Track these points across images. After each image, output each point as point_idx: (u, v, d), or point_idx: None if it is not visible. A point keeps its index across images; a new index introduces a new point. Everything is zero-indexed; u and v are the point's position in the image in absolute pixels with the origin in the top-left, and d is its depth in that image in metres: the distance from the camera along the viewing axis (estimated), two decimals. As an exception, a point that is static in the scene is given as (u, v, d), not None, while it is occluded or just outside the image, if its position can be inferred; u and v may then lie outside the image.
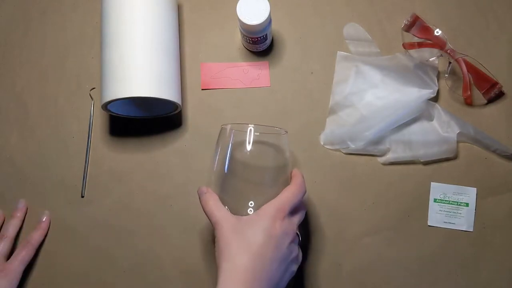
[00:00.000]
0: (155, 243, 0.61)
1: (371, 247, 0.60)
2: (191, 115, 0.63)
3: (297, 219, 0.50)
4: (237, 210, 0.49)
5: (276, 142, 0.52)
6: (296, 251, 0.49)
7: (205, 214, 0.49)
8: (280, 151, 0.52)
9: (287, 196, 0.48)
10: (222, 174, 0.51)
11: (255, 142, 0.51)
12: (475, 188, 0.60)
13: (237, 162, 0.51)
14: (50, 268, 0.61)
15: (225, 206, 0.49)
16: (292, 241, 0.48)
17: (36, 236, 0.60)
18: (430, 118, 0.61)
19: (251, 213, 0.49)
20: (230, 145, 0.51)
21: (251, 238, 0.45)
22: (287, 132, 0.53)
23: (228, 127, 0.52)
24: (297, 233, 0.50)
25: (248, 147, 0.51)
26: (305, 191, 0.50)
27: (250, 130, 0.51)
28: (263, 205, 0.48)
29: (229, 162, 0.51)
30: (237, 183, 0.51)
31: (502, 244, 0.59)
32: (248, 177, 0.52)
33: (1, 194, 0.62)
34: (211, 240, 0.60)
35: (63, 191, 0.62)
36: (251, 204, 0.50)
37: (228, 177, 0.51)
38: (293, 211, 0.49)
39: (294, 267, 0.49)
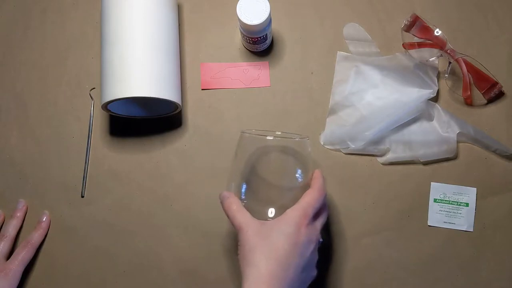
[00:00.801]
0: (155, 243, 0.61)
1: (371, 247, 0.60)
2: (191, 115, 0.63)
3: (319, 223, 0.50)
4: (258, 214, 0.49)
5: (298, 147, 0.52)
6: (317, 256, 0.49)
7: (228, 218, 0.49)
8: (302, 157, 0.52)
9: (309, 200, 0.48)
10: (242, 180, 0.51)
11: (276, 148, 0.52)
12: (475, 188, 0.60)
13: (258, 168, 0.51)
14: (50, 268, 0.61)
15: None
16: (315, 247, 0.48)
17: (36, 236, 0.60)
18: (430, 118, 0.61)
19: (271, 216, 0.49)
20: (250, 151, 0.52)
21: (276, 244, 0.45)
22: (308, 138, 0.53)
23: (249, 133, 0.52)
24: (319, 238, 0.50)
25: (270, 154, 0.51)
26: (325, 193, 0.50)
27: (271, 137, 0.51)
28: (284, 209, 0.47)
29: (249, 168, 0.51)
30: (258, 188, 0.51)
31: (502, 244, 0.59)
32: (269, 182, 0.52)
33: (1, 194, 0.62)
34: (211, 240, 0.60)
35: (63, 191, 0.62)
36: (272, 209, 0.50)
37: (249, 183, 0.51)
38: (315, 215, 0.49)
39: (315, 272, 0.49)
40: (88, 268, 0.60)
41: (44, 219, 0.61)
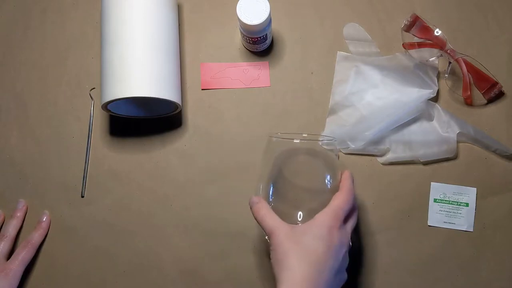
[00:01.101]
0: (155, 243, 0.61)
1: (371, 247, 0.60)
2: (191, 115, 0.63)
3: (350, 225, 0.50)
4: (287, 217, 0.49)
5: (326, 150, 0.52)
6: (348, 259, 0.49)
7: (258, 223, 0.49)
8: (330, 159, 0.52)
9: (339, 204, 0.48)
10: (269, 183, 0.51)
11: (304, 151, 0.52)
12: (475, 188, 0.60)
13: (285, 171, 0.51)
14: (50, 268, 0.61)
15: None
16: (347, 250, 0.48)
17: (36, 236, 0.60)
18: (430, 118, 0.61)
19: (300, 220, 0.49)
20: (278, 154, 0.52)
21: (310, 248, 0.45)
22: (336, 139, 0.53)
23: (276, 137, 0.52)
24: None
25: (298, 156, 0.51)
26: (354, 195, 0.50)
27: (298, 140, 0.51)
28: (313, 212, 0.47)
29: (277, 171, 0.51)
30: (286, 191, 0.51)
31: (502, 244, 0.59)
32: (298, 186, 0.52)
33: (1, 194, 0.62)
34: (211, 240, 0.60)
35: (63, 191, 0.62)
36: (300, 213, 0.50)
37: (277, 185, 0.51)
38: (346, 217, 0.49)
39: (346, 275, 0.49)
40: (88, 268, 0.60)
41: (44, 219, 0.61)
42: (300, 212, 0.50)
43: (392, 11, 0.65)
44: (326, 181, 0.51)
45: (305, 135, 0.53)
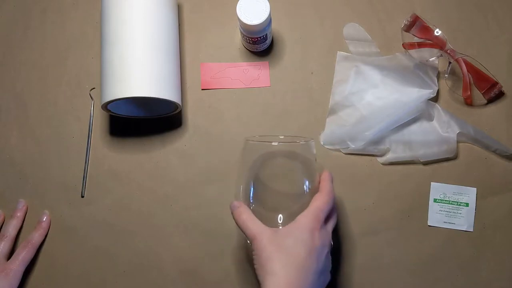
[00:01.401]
0: (155, 243, 0.61)
1: (371, 247, 0.60)
2: (191, 115, 0.63)
3: (330, 226, 0.50)
4: (268, 222, 0.49)
5: (303, 151, 0.52)
6: (330, 259, 0.49)
7: (239, 228, 0.49)
8: (307, 160, 0.52)
9: (319, 205, 0.48)
10: (249, 186, 0.51)
11: (282, 153, 0.52)
12: (475, 188, 0.60)
13: (264, 174, 0.51)
14: (50, 268, 0.61)
15: None
16: (328, 251, 0.48)
17: (36, 236, 0.60)
18: (430, 118, 0.61)
19: (280, 222, 0.49)
20: (255, 157, 0.52)
21: (293, 251, 0.45)
22: (313, 139, 0.53)
23: (253, 141, 0.52)
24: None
25: (275, 159, 0.51)
26: (334, 196, 0.50)
27: (276, 142, 0.51)
28: (294, 215, 0.48)
29: (255, 174, 0.51)
30: (265, 194, 0.51)
31: (502, 244, 0.59)
32: (276, 189, 0.52)
33: (1, 194, 0.62)
34: (211, 240, 0.60)
35: (63, 191, 0.62)
36: (280, 215, 0.50)
37: (256, 188, 0.51)
38: (326, 218, 0.49)
39: (329, 275, 0.49)
40: (88, 268, 0.60)
41: (44, 219, 0.61)
42: (280, 215, 0.50)
43: (392, 11, 0.65)
44: (305, 183, 0.51)
45: (282, 136, 0.53)
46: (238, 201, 0.51)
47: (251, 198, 0.51)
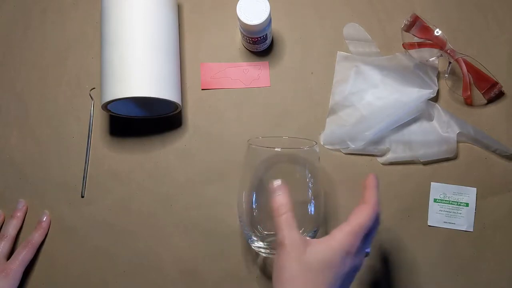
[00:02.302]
0: (155, 243, 0.61)
1: (371, 247, 0.59)
2: (191, 115, 0.63)
3: (369, 241, 0.45)
4: (272, 228, 0.47)
5: (307, 155, 0.52)
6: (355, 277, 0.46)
7: (273, 220, 0.45)
8: (311, 165, 0.52)
9: (361, 221, 0.43)
10: (252, 193, 0.51)
11: (285, 158, 0.51)
12: (475, 188, 0.60)
13: (267, 180, 0.49)
14: (50, 268, 0.61)
15: (257, 225, 0.48)
16: (359, 270, 0.45)
17: (36, 236, 0.60)
18: (430, 118, 0.61)
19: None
20: (258, 161, 0.51)
21: (319, 276, 0.41)
22: (316, 143, 0.53)
23: (255, 145, 0.52)
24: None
25: (279, 164, 0.51)
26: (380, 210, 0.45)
27: (279, 148, 0.50)
28: (299, 222, 0.45)
29: (259, 181, 0.51)
30: (268, 200, 0.48)
31: (502, 244, 0.59)
32: None
33: (1, 194, 0.62)
34: (211, 240, 0.60)
35: (63, 191, 0.62)
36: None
37: (259, 193, 0.51)
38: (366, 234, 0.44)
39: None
40: (88, 268, 0.60)
41: (44, 219, 0.61)
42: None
43: (392, 11, 0.65)
44: (309, 189, 0.51)
45: (286, 137, 0.52)
46: (285, 194, 0.46)
47: (253, 203, 0.51)
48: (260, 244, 0.52)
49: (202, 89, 0.64)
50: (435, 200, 0.60)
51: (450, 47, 0.60)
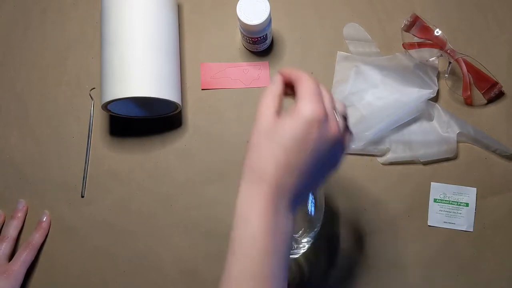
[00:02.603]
0: (155, 243, 0.61)
1: (371, 247, 0.60)
2: (191, 115, 0.63)
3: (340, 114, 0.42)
4: None
5: None
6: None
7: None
8: None
9: (306, 88, 0.40)
10: None
11: None
12: (475, 188, 0.60)
13: None
14: (50, 268, 0.61)
15: None
16: (343, 151, 0.42)
17: (37, 237, 0.60)
18: (430, 118, 0.61)
19: None
20: None
21: (292, 154, 0.39)
22: None
23: None
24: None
25: None
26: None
27: None
28: None
29: None
30: None
31: (502, 244, 0.59)
32: None
33: (1, 194, 0.62)
34: (211, 240, 0.60)
35: (63, 191, 0.62)
36: None
37: None
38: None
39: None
40: (88, 268, 0.60)
41: (44, 219, 0.61)
42: None
43: (392, 11, 0.65)
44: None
45: None
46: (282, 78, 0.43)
47: None
48: None
49: (202, 89, 0.64)
50: (435, 200, 0.60)
51: (450, 47, 0.60)
